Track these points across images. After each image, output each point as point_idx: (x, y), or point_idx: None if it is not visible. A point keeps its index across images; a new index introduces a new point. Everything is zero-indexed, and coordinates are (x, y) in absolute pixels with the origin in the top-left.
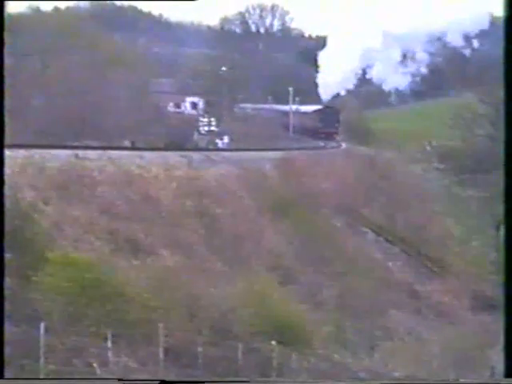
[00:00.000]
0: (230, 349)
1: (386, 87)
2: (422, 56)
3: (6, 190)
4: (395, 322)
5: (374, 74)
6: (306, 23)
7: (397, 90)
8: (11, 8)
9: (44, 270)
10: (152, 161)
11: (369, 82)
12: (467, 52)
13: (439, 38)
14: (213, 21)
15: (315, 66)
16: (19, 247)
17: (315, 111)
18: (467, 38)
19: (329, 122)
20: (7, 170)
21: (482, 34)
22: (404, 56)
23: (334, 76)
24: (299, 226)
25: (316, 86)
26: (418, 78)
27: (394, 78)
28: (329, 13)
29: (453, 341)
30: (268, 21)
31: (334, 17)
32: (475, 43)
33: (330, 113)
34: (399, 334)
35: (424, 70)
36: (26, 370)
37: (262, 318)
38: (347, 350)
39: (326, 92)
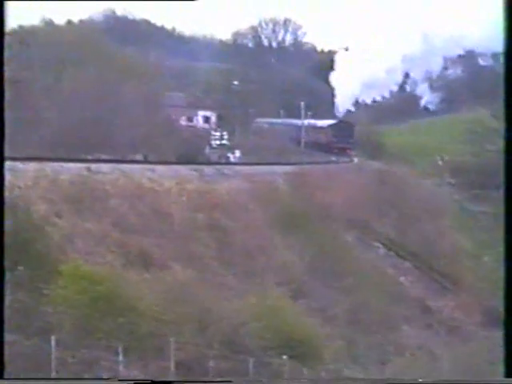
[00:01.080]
0: (240, 363)
1: (399, 102)
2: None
3: (19, 203)
4: (406, 337)
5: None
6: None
7: (411, 104)
8: (24, 21)
9: (56, 282)
10: (164, 174)
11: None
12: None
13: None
14: (225, 35)
15: (327, 80)
16: (31, 260)
17: (330, 126)
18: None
19: (343, 136)
20: (20, 183)
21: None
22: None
23: (345, 90)
24: (310, 240)
25: (328, 100)
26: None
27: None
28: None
29: (463, 357)
30: (280, 35)
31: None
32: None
33: (345, 127)
34: (410, 349)
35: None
36: None
37: (273, 332)
38: (358, 365)
39: (338, 106)
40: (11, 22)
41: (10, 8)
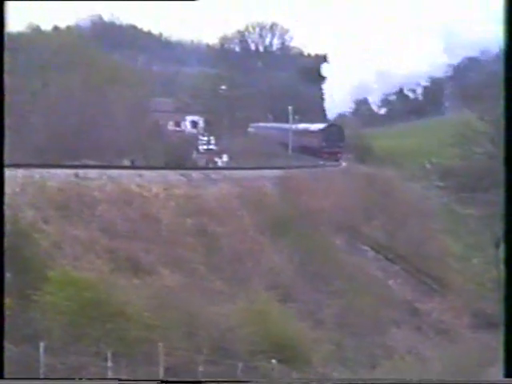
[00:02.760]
0: (229, 367)
1: (386, 105)
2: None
3: (6, 210)
4: (395, 340)
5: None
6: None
7: (396, 107)
8: (11, 27)
9: (44, 289)
10: (152, 179)
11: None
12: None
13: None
14: (212, 39)
15: (315, 84)
16: (19, 266)
17: (321, 130)
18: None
19: (334, 140)
20: (7, 190)
21: None
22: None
23: (334, 94)
24: (299, 244)
25: (316, 104)
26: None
27: (394, 96)
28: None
29: (453, 359)
30: (267, 39)
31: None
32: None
33: (335, 131)
34: (399, 352)
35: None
36: None
37: (262, 336)
38: (347, 369)
39: (326, 110)
40: None
41: None
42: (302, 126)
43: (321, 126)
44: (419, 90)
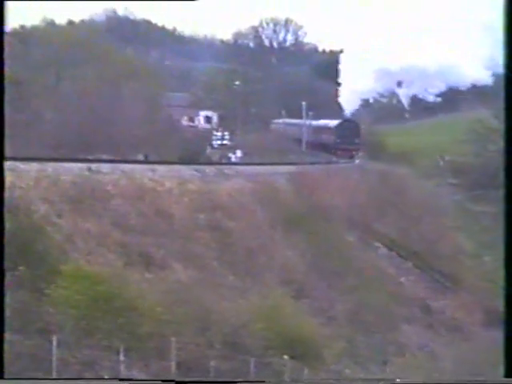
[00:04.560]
0: (242, 363)
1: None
2: None
3: (20, 203)
4: (407, 337)
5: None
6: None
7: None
8: (25, 21)
9: (57, 282)
10: (165, 174)
11: (382, 96)
12: None
13: None
14: (226, 35)
15: (329, 80)
16: (32, 260)
17: (336, 126)
18: None
19: (350, 137)
20: (21, 184)
21: None
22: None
23: (348, 91)
24: (311, 240)
25: (330, 99)
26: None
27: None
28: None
29: (465, 356)
30: (281, 35)
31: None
32: None
33: (351, 127)
34: (411, 349)
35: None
36: None
37: (275, 332)
38: (359, 365)
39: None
40: (12, 22)
41: (11, 8)
42: (322, 122)
43: (335, 122)
44: (434, 88)
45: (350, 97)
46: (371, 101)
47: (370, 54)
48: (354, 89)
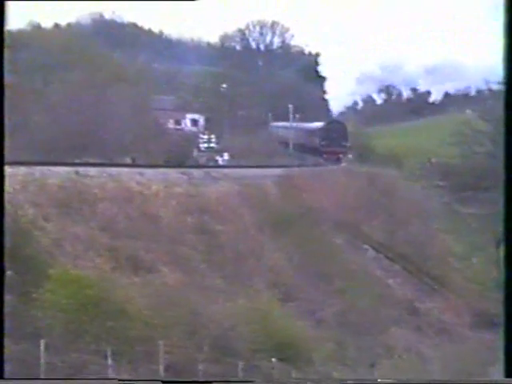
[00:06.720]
0: (230, 366)
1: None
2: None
3: (7, 207)
4: (395, 339)
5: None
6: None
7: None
8: (11, 25)
9: (44, 286)
10: (152, 178)
11: (369, 98)
12: None
13: None
14: (213, 38)
15: (316, 82)
16: (20, 264)
17: (322, 128)
18: None
19: (334, 139)
20: (8, 188)
21: None
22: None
23: (334, 93)
24: (299, 242)
25: (317, 102)
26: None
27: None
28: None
29: (453, 358)
30: (268, 38)
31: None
32: None
33: (336, 129)
34: (399, 351)
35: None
36: None
37: (263, 335)
38: (347, 368)
39: (328, 109)
40: None
41: None
42: (308, 124)
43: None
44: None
45: (336, 99)
46: (359, 103)
47: (354, 56)
48: (339, 91)
